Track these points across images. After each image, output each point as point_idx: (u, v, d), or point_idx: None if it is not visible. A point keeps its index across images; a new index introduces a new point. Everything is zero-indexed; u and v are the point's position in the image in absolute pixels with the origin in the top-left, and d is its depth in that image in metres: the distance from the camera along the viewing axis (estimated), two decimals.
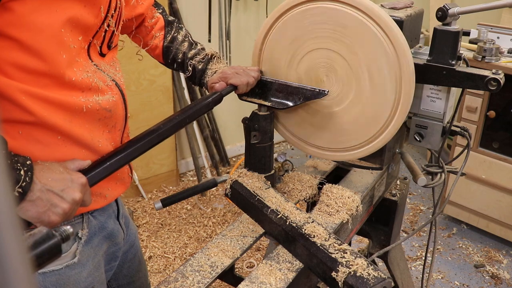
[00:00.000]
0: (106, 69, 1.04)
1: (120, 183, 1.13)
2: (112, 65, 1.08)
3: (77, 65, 0.95)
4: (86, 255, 1.06)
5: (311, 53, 1.28)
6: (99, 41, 1.01)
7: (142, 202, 3.24)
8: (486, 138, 2.67)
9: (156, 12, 1.33)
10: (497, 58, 2.32)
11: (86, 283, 1.07)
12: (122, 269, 1.27)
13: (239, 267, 2.61)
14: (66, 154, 0.96)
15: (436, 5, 3.41)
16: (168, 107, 3.23)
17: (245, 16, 3.64)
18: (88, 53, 0.99)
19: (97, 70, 1.01)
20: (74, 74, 0.93)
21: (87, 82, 0.96)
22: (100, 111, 1.00)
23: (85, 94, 0.96)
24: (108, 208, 1.14)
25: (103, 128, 1.03)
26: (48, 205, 0.83)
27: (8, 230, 0.33)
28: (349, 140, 1.32)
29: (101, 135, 1.02)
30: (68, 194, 0.85)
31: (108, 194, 1.09)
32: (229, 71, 1.28)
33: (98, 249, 1.10)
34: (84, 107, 0.96)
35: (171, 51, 1.33)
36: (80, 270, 1.05)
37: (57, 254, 0.70)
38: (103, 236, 1.11)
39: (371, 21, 1.18)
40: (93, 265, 1.08)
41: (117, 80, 1.07)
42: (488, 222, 2.81)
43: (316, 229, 1.10)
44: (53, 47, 0.89)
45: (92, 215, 1.08)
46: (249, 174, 1.33)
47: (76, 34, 0.93)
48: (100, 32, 1.00)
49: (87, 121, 0.98)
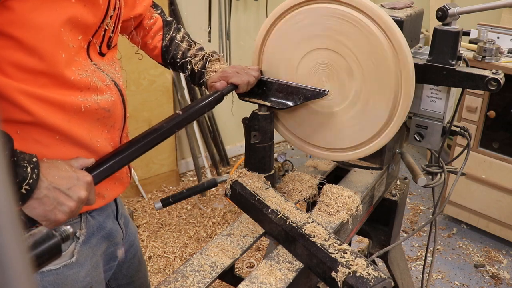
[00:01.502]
0: (105, 68, 1.04)
1: (119, 183, 1.13)
2: (112, 65, 1.08)
3: (76, 65, 0.95)
4: (84, 255, 1.06)
5: (311, 53, 1.28)
6: (98, 41, 1.01)
7: (142, 202, 3.24)
8: (486, 138, 2.67)
9: (154, 13, 1.33)
10: (497, 58, 2.32)
11: (84, 283, 1.06)
12: (122, 269, 1.27)
13: (239, 267, 2.61)
14: (64, 154, 0.96)
15: (436, 5, 3.41)
16: (168, 107, 3.23)
17: (245, 16, 3.64)
18: (87, 52, 0.99)
19: (96, 69, 1.01)
20: (72, 73, 0.93)
21: (85, 82, 0.96)
22: (98, 111, 1.00)
23: (84, 94, 0.96)
24: (106, 208, 1.14)
25: (101, 128, 1.03)
26: (54, 203, 0.83)
27: (8, 230, 0.33)
28: (349, 140, 1.32)
29: (100, 135, 1.02)
30: (75, 193, 0.85)
31: (107, 194, 1.09)
32: (230, 70, 1.27)
33: (96, 249, 1.10)
34: (83, 107, 0.96)
35: (170, 51, 1.33)
36: (78, 270, 1.05)
37: (57, 254, 0.70)
38: (101, 236, 1.11)
39: (371, 21, 1.18)
40: (91, 265, 1.08)
41: (116, 80, 1.06)
42: (488, 222, 2.81)
43: (316, 229, 1.10)
44: (52, 46, 0.88)
45: (90, 215, 1.08)
46: (249, 174, 1.33)
47: (75, 34, 0.93)
48: (99, 31, 1.00)
49: (86, 121, 0.98)
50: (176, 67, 1.35)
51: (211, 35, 3.37)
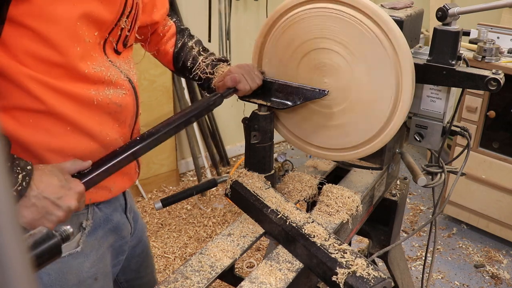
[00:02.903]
0: (121, 65, 1.06)
1: (126, 177, 1.15)
2: (127, 63, 1.10)
3: (91, 59, 0.97)
4: (89, 246, 1.07)
5: (311, 53, 1.28)
6: (115, 39, 1.04)
7: (142, 202, 3.24)
8: (486, 138, 2.67)
9: (169, 21, 1.35)
10: (497, 58, 2.32)
11: (89, 273, 1.08)
12: (130, 263, 1.29)
13: (239, 267, 2.61)
14: (74, 145, 0.98)
15: (436, 5, 3.41)
16: (168, 107, 3.23)
17: (245, 16, 3.64)
18: (103, 49, 1.01)
19: (112, 66, 1.03)
20: (87, 67, 0.95)
21: (99, 76, 0.98)
22: (110, 105, 1.02)
23: (97, 87, 0.98)
24: (114, 201, 1.15)
25: (113, 122, 1.04)
26: (43, 212, 0.85)
27: (8, 230, 0.33)
28: (349, 140, 1.32)
29: (111, 128, 1.04)
30: (64, 203, 0.86)
31: (113, 188, 1.10)
32: (237, 72, 1.26)
33: (102, 241, 1.11)
34: (95, 100, 0.98)
35: (181, 57, 1.34)
36: (83, 260, 1.06)
37: (57, 254, 0.70)
38: (108, 228, 1.13)
39: (371, 21, 1.18)
40: (96, 256, 1.09)
41: (131, 77, 1.09)
42: (488, 222, 2.81)
43: (316, 229, 1.10)
44: (68, 39, 0.90)
45: (97, 206, 1.09)
46: (249, 174, 1.33)
47: (92, 29, 0.95)
48: (116, 29, 1.02)
49: (97, 114, 1.00)
50: (186, 72, 1.35)
51: (211, 35, 3.37)
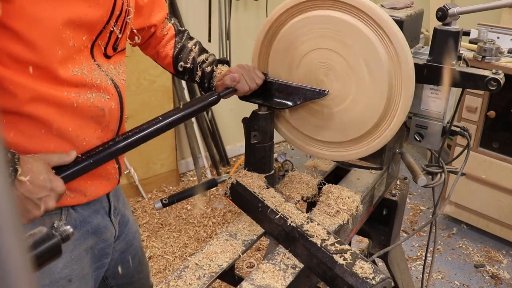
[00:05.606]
0: (108, 70, 1.05)
1: (105, 182, 1.13)
2: (117, 68, 1.09)
3: (74, 62, 0.96)
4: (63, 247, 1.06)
5: (311, 53, 1.28)
6: (103, 42, 1.03)
7: (142, 202, 3.24)
8: (486, 138, 2.67)
9: (168, 23, 1.35)
10: (497, 58, 2.32)
11: (61, 274, 1.06)
12: (121, 268, 1.27)
13: (239, 267, 2.61)
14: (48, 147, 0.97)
15: (436, 5, 3.41)
16: (168, 107, 3.23)
17: (245, 16, 3.63)
18: (91, 52, 1.00)
19: (97, 69, 1.01)
20: (66, 70, 0.94)
21: (80, 79, 0.97)
22: (91, 108, 1.01)
23: (78, 90, 0.97)
24: (94, 204, 1.13)
25: (95, 125, 1.03)
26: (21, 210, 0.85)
27: (8, 230, 0.33)
28: (349, 140, 1.32)
29: (93, 133, 1.03)
30: (44, 203, 0.87)
31: (89, 192, 1.08)
32: (237, 73, 1.26)
33: (79, 243, 1.10)
34: (75, 102, 0.97)
35: (180, 59, 1.34)
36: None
37: (57, 254, 0.70)
38: (85, 230, 1.11)
39: (371, 21, 1.18)
40: (70, 258, 1.08)
41: (116, 81, 1.07)
42: (488, 222, 2.81)
43: (316, 229, 1.10)
44: (49, 42, 0.90)
45: (72, 208, 1.08)
46: (249, 174, 1.33)
47: (79, 33, 0.94)
48: (104, 33, 1.01)
49: (78, 117, 0.99)
50: (186, 74, 1.35)
51: (211, 35, 3.37)
